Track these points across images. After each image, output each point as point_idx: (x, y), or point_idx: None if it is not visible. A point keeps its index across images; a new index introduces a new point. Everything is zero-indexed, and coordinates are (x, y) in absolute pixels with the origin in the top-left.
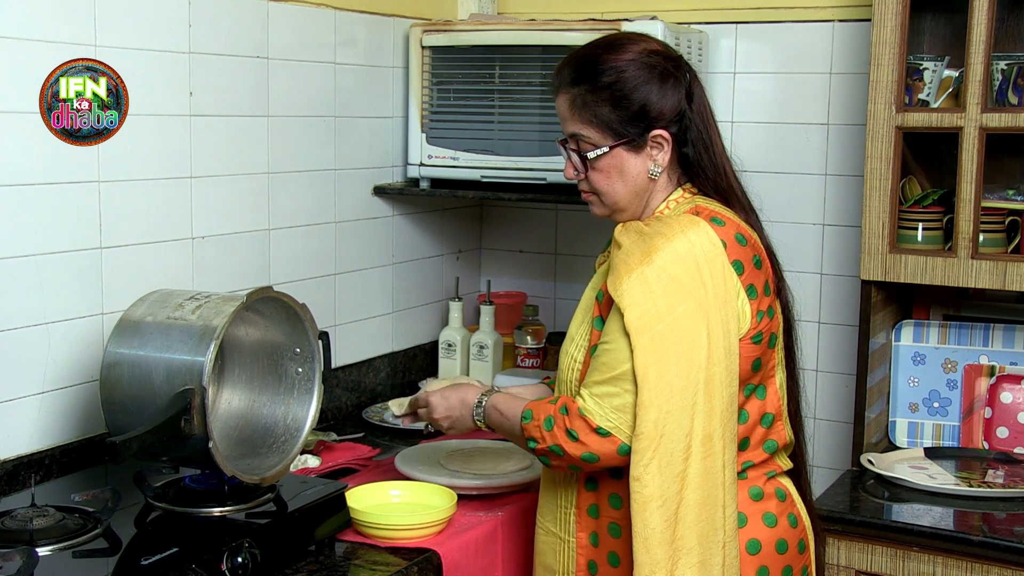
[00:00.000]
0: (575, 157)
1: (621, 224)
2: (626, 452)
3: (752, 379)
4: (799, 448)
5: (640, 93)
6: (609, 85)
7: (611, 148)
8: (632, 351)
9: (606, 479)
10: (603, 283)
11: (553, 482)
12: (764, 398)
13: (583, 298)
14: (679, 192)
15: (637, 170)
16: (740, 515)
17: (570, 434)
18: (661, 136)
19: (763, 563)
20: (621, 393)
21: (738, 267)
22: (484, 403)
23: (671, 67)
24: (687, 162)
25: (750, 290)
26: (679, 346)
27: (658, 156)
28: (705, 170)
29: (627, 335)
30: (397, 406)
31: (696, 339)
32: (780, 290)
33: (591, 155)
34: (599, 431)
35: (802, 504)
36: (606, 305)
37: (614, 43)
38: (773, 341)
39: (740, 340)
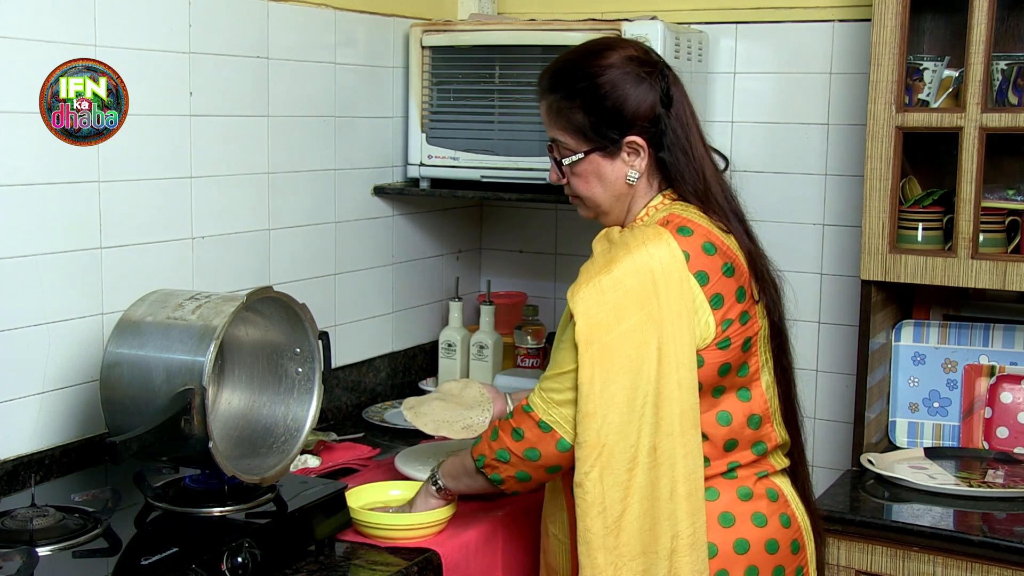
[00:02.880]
0: (554, 163)
1: (602, 231)
2: (565, 448)
3: (723, 382)
4: (797, 448)
5: (612, 99)
6: (582, 91)
7: (586, 154)
8: (579, 359)
9: None
10: None
11: (554, 484)
12: (749, 400)
13: (567, 304)
14: (659, 199)
15: (615, 175)
16: (727, 515)
17: (515, 432)
18: (635, 142)
19: (752, 563)
20: (563, 390)
21: (702, 278)
22: (436, 469)
23: (645, 72)
24: (666, 167)
25: (715, 299)
26: (627, 358)
27: (635, 162)
28: (683, 174)
29: (576, 343)
30: (409, 411)
31: (645, 352)
32: (761, 293)
33: (566, 161)
34: (540, 424)
35: (798, 504)
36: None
37: (592, 50)
38: (747, 345)
39: (704, 349)
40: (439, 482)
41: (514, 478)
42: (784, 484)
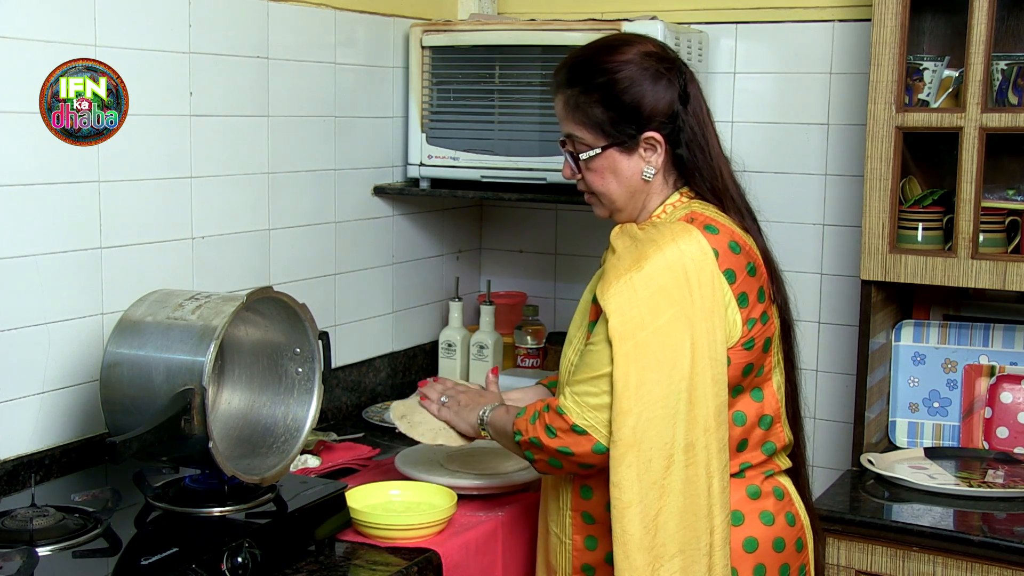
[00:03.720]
0: (570, 158)
1: (618, 226)
2: (601, 451)
3: (743, 382)
4: (798, 448)
5: (630, 94)
6: (601, 86)
7: (603, 149)
8: (613, 357)
9: (602, 486)
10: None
11: (554, 483)
12: (761, 400)
13: (581, 300)
14: (676, 196)
15: (631, 171)
16: (737, 513)
17: (549, 429)
18: (653, 138)
19: (760, 561)
20: (599, 394)
21: (730, 276)
22: (496, 405)
23: (664, 68)
24: (683, 164)
25: (741, 298)
26: (661, 354)
27: (651, 158)
28: (701, 172)
29: (610, 341)
30: (401, 420)
31: (679, 348)
32: (776, 293)
33: (584, 156)
34: (575, 428)
35: (801, 503)
36: (599, 308)
37: (610, 45)
38: (768, 345)
39: (730, 348)
40: (484, 423)
41: (546, 463)
42: (788, 483)
